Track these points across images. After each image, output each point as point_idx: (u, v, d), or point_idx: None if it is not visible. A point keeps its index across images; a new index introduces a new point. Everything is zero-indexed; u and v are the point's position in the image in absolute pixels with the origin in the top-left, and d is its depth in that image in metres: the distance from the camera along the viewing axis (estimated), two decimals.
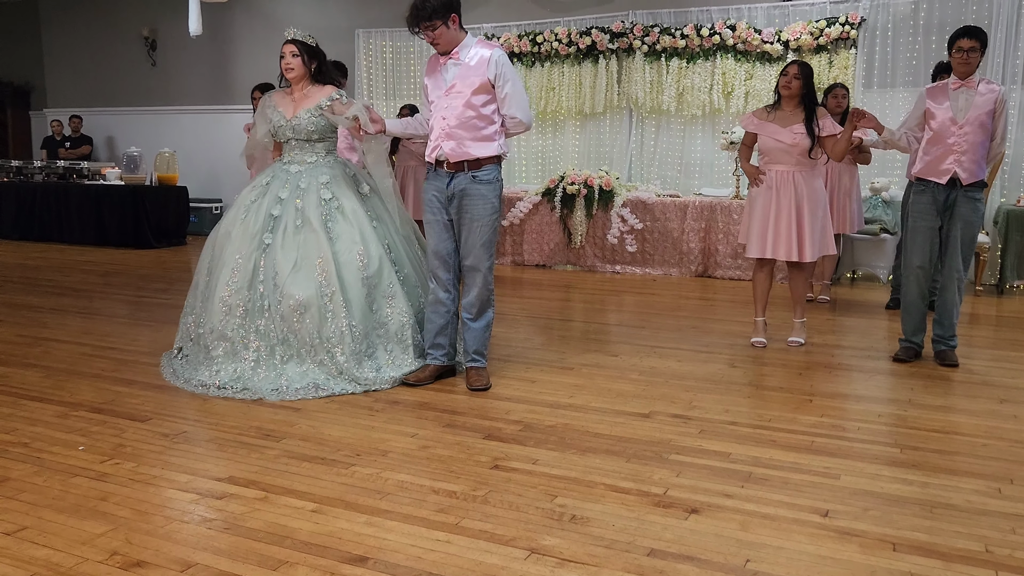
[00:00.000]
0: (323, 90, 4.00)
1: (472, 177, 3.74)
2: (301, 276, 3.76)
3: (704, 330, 5.23)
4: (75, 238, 9.68)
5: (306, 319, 3.73)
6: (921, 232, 4.33)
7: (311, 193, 3.90)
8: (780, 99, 4.59)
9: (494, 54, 3.70)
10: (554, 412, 3.50)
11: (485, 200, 3.75)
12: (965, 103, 4.22)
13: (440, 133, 3.75)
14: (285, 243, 3.81)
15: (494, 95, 3.72)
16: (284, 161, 4.05)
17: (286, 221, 3.85)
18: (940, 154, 4.25)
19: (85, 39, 11.69)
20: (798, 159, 4.53)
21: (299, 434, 3.20)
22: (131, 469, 2.83)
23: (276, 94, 4.12)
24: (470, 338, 3.90)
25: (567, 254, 8.03)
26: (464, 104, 3.68)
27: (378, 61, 9.63)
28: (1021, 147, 7.15)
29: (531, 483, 2.73)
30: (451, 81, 3.71)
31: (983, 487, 2.74)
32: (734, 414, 3.50)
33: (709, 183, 8.19)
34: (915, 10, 7.35)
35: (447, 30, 3.65)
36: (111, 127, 11.75)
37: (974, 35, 4.18)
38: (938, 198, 4.28)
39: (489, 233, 3.79)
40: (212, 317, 3.79)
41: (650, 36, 8.17)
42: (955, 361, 4.32)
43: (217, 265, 3.88)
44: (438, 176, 3.81)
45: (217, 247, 3.95)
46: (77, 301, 6.02)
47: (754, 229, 4.64)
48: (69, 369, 4.13)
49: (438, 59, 3.78)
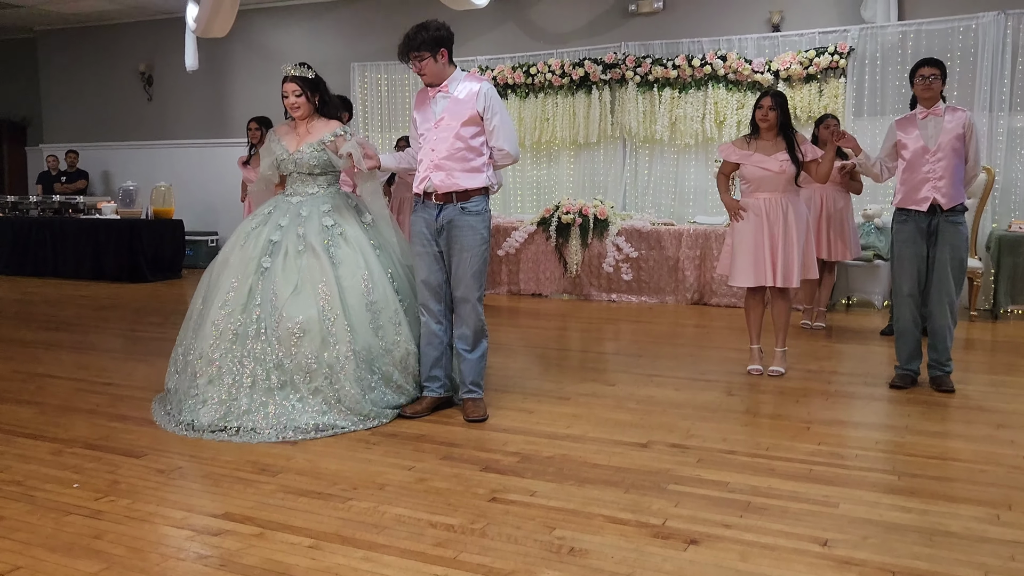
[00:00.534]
0: (328, 125, 4.00)
1: (461, 208, 3.76)
2: (302, 299, 3.69)
3: (701, 358, 5.24)
4: (70, 272, 9.67)
5: (305, 342, 3.63)
6: (908, 260, 4.37)
7: (313, 220, 3.89)
8: (758, 130, 4.63)
9: (483, 87, 3.75)
10: (552, 443, 3.49)
11: (474, 231, 3.77)
12: (934, 130, 4.30)
13: (429, 165, 3.78)
14: (286, 267, 3.76)
15: (483, 127, 3.76)
16: (286, 193, 4.05)
17: (286, 246, 3.81)
18: (917, 182, 4.32)
19: (82, 75, 11.78)
20: (785, 186, 4.57)
21: (295, 468, 3.19)
22: (126, 506, 2.81)
23: (281, 127, 4.12)
24: (466, 369, 3.89)
25: (563, 283, 8.05)
26: (453, 136, 3.72)
27: (374, 94, 9.72)
28: (1011, 173, 7.22)
29: (529, 515, 2.72)
30: (440, 114, 3.76)
31: (982, 514, 2.73)
32: (732, 442, 3.49)
33: (703, 211, 8.24)
34: (903, 40, 7.45)
35: (434, 63, 3.72)
36: (107, 161, 11.80)
37: (934, 64, 4.35)
38: (921, 225, 4.33)
39: (479, 264, 3.80)
40: (202, 342, 3.70)
41: (642, 67, 8.26)
42: (951, 387, 4.32)
43: (212, 292, 3.83)
44: (426, 208, 3.83)
45: (214, 274, 3.91)
46: (72, 336, 6.01)
47: (742, 258, 4.63)
48: (63, 405, 4.11)
49: (427, 92, 3.83)
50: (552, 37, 8.96)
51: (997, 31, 7.10)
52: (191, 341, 3.83)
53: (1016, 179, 7.22)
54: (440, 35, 3.71)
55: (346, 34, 10.00)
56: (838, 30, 7.69)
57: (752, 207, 4.62)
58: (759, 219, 4.59)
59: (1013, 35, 7.10)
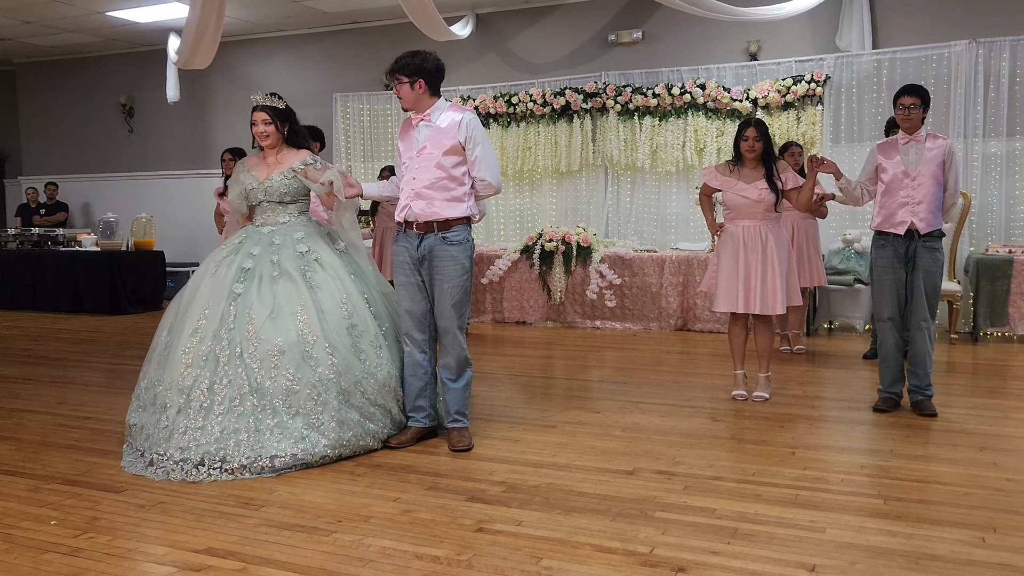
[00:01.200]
0: (298, 154, 3.98)
1: (442, 238, 3.75)
2: (280, 322, 3.62)
3: (685, 384, 5.24)
4: (49, 306, 9.57)
5: (285, 363, 3.54)
6: (887, 284, 4.41)
7: (287, 248, 3.83)
8: (742, 158, 4.67)
9: (465, 117, 3.76)
10: (538, 472, 3.47)
11: (455, 261, 3.76)
12: (916, 156, 4.37)
13: (410, 193, 3.78)
14: (261, 292, 3.69)
15: (465, 157, 3.77)
16: (256, 224, 4.00)
17: (260, 272, 3.75)
18: (895, 206, 4.38)
19: (62, 107, 11.75)
20: (764, 214, 4.61)
21: (279, 501, 3.15)
22: (106, 543, 2.76)
23: (250, 159, 4.10)
24: (451, 399, 3.87)
25: (547, 311, 8.06)
26: (435, 165, 3.73)
27: (356, 124, 9.75)
28: (987, 197, 7.33)
29: (516, 545, 2.70)
30: (422, 143, 3.77)
31: (967, 537, 2.74)
32: (718, 469, 3.49)
33: (685, 237, 8.30)
34: (878, 68, 7.59)
35: (409, 90, 3.75)
36: (88, 194, 11.75)
37: (915, 93, 4.39)
38: (899, 250, 4.38)
39: (460, 294, 3.79)
40: (171, 371, 3.60)
41: (623, 96, 8.35)
42: (933, 411, 4.35)
43: (181, 321, 3.74)
44: (407, 237, 3.83)
45: (183, 304, 3.83)
46: (51, 370, 5.93)
47: (723, 284, 4.68)
48: (42, 441, 4.05)
49: (411, 121, 3.85)
50: (533, 67, 9.06)
51: (969, 59, 7.25)
52: (157, 373, 3.72)
53: (992, 203, 7.33)
54: (424, 66, 3.74)
55: (328, 65, 10.05)
56: (814, 59, 7.82)
57: (731, 233, 4.68)
58: (737, 246, 4.64)
59: (985, 63, 7.25)
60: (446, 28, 7.49)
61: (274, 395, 3.55)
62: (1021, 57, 7.18)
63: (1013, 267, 6.69)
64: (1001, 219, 7.31)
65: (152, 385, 3.74)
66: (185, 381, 3.57)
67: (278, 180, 3.93)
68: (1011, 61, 7.19)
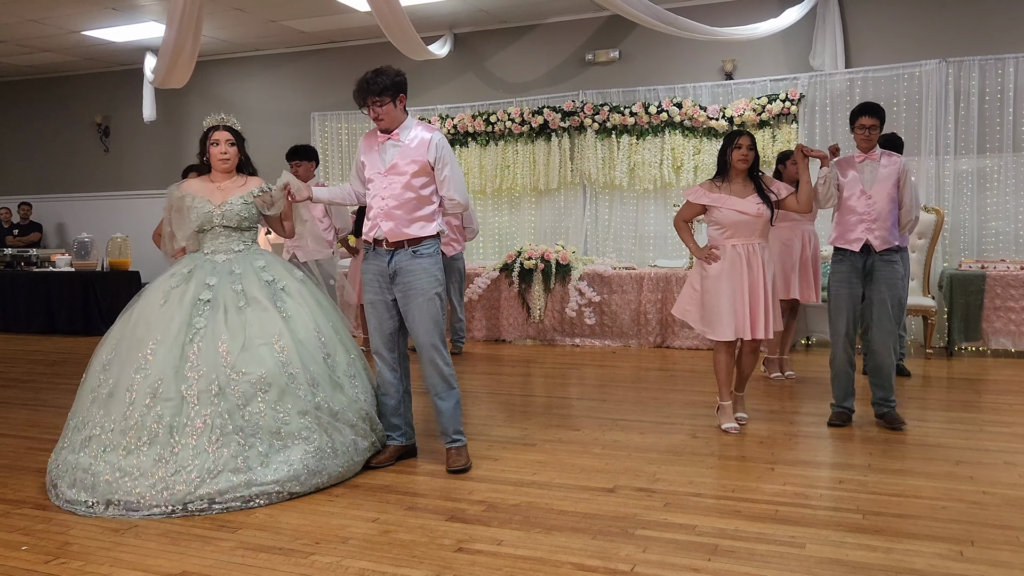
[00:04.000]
0: (250, 180, 3.85)
1: (412, 252, 3.73)
2: (255, 354, 3.45)
3: (665, 401, 5.25)
4: (21, 327, 9.43)
5: (270, 396, 3.41)
6: (843, 299, 4.44)
7: (249, 276, 3.66)
8: (729, 171, 4.37)
9: (434, 137, 3.75)
10: (518, 490, 3.45)
11: (427, 273, 3.73)
12: (871, 174, 4.43)
13: (379, 212, 3.74)
14: (228, 323, 3.49)
15: (433, 177, 3.75)
16: (206, 252, 3.76)
17: (224, 303, 3.55)
18: (851, 223, 4.43)
19: (37, 126, 11.64)
20: (762, 230, 4.36)
21: (255, 523, 3.10)
22: (78, 568, 2.71)
23: (190, 184, 3.85)
24: (443, 420, 3.81)
25: (527, 328, 8.05)
26: (403, 186, 3.70)
27: (334, 143, 9.74)
28: (959, 213, 7.43)
29: (496, 565, 2.68)
30: (391, 161, 3.73)
31: (945, 550, 2.75)
32: (698, 485, 3.49)
33: (664, 254, 8.34)
34: (851, 87, 7.70)
35: (393, 108, 3.72)
36: (62, 214, 11.62)
37: (874, 113, 4.40)
38: (856, 265, 4.43)
39: (436, 307, 3.75)
40: (114, 411, 3.35)
41: (600, 114, 8.41)
42: (901, 420, 4.39)
43: (124, 355, 3.47)
44: (377, 255, 3.79)
45: (124, 337, 3.54)
46: (23, 393, 5.84)
47: (724, 309, 4.29)
48: (12, 464, 3.97)
49: (376, 136, 3.81)
50: (511, 86, 9.10)
51: (940, 78, 7.38)
52: (93, 413, 3.43)
53: (964, 219, 7.44)
54: (399, 81, 3.73)
55: (306, 85, 10.04)
56: (788, 78, 7.93)
57: (728, 254, 4.32)
58: (736, 267, 4.30)
59: (955, 82, 7.38)
60: (424, 47, 7.52)
61: (263, 429, 3.38)
62: (990, 76, 7.31)
63: (986, 282, 6.78)
64: (973, 235, 7.41)
65: (84, 424, 3.46)
66: (130, 421, 3.32)
67: (239, 205, 3.76)
68: (980, 80, 7.32)
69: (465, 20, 8.97)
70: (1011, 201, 7.32)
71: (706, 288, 4.38)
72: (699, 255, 4.44)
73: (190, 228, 3.77)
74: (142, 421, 3.32)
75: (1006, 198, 7.34)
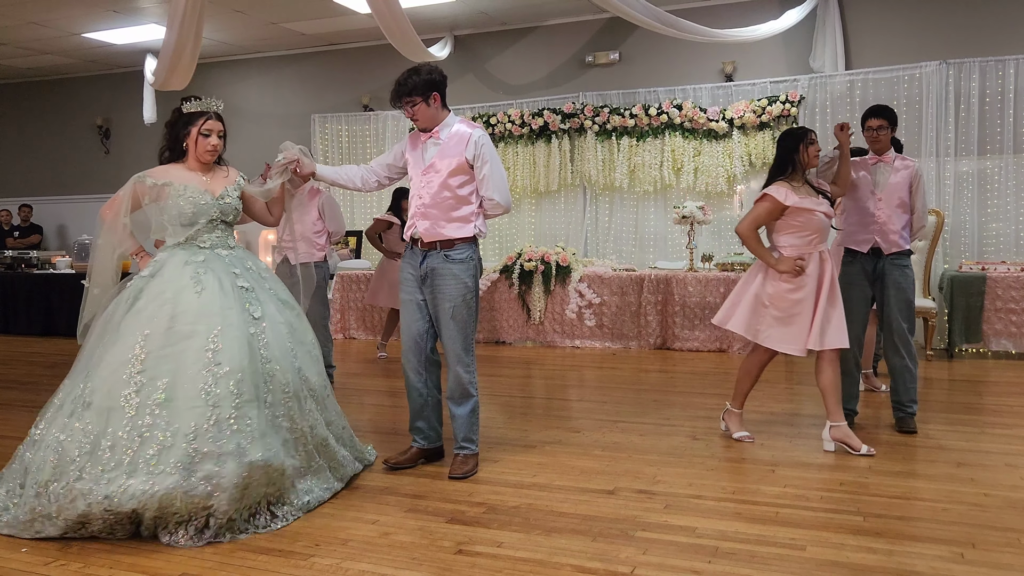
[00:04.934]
0: (231, 171, 3.57)
1: (444, 256, 3.65)
2: (309, 359, 3.39)
3: (665, 403, 5.24)
4: (22, 329, 9.43)
5: (311, 405, 3.35)
6: (853, 302, 4.41)
7: (255, 279, 3.43)
8: (799, 171, 4.02)
9: (474, 134, 3.66)
10: (518, 492, 3.45)
11: (457, 280, 3.65)
12: (883, 177, 4.42)
13: (415, 211, 3.70)
14: (277, 322, 3.33)
15: (472, 176, 3.66)
16: (202, 245, 3.39)
17: (262, 300, 3.34)
18: (861, 225, 4.43)
19: (37, 128, 11.66)
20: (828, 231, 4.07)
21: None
22: (77, 570, 2.70)
23: (170, 172, 3.44)
24: (456, 426, 3.77)
25: (526, 330, 8.05)
26: (440, 184, 3.63)
27: (334, 145, 9.74)
28: (959, 215, 7.43)
29: (496, 567, 2.67)
30: (429, 160, 3.67)
31: (946, 553, 2.75)
32: (698, 487, 3.48)
33: (664, 256, 8.34)
34: (851, 88, 7.70)
35: (427, 108, 3.63)
36: (63, 215, 11.62)
37: (882, 114, 4.40)
38: (866, 268, 4.42)
39: (463, 314, 3.66)
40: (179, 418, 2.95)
41: (600, 116, 8.42)
42: (911, 428, 4.36)
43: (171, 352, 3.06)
44: (413, 254, 3.75)
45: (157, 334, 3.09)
46: (23, 395, 5.83)
47: (803, 323, 3.95)
48: None
49: (419, 136, 3.75)
50: (511, 88, 9.11)
51: (940, 79, 7.38)
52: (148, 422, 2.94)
53: (964, 221, 7.44)
54: (432, 79, 3.62)
55: (306, 87, 10.05)
56: (788, 79, 7.93)
57: (812, 262, 3.94)
58: (815, 276, 3.95)
59: (955, 83, 7.38)
60: (424, 49, 7.51)
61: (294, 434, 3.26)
62: (990, 77, 7.32)
63: (986, 284, 6.77)
64: (974, 236, 7.41)
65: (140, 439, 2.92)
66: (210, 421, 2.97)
67: (233, 196, 3.48)
68: (980, 81, 7.33)
69: (465, 22, 8.98)
70: (1011, 203, 7.33)
71: (784, 302, 3.97)
72: (784, 267, 3.93)
73: (177, 220, 3.36)
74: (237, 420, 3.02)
75: (1007, 200, 7.34)
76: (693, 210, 7.46)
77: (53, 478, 2.91)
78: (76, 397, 3.10)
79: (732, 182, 8.04)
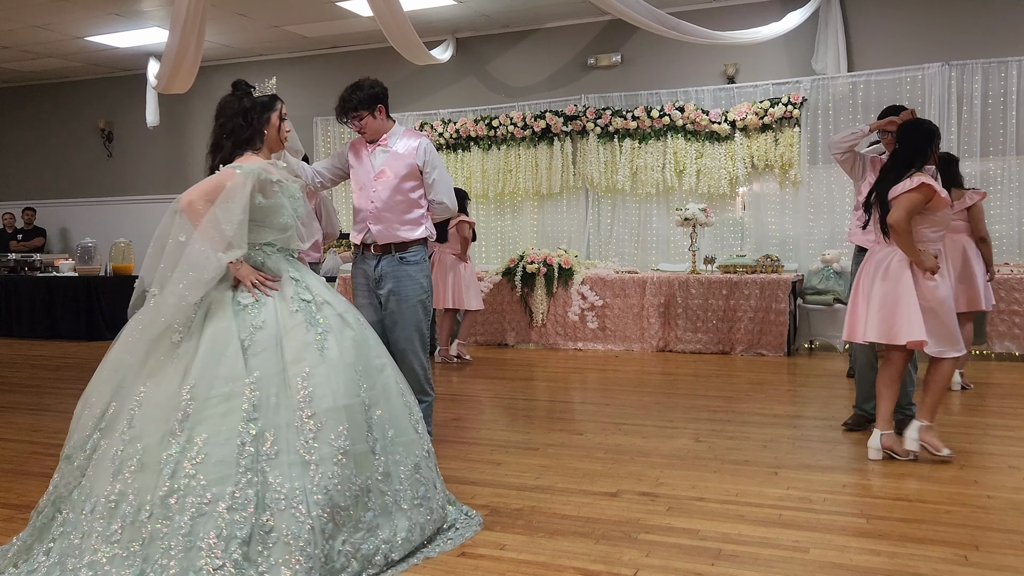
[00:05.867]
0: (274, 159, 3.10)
1: (399, 259, 3.84)
2: None
3: (668, 405, 5.24)
4: (25, 332, 9.45)
5: None
6: None
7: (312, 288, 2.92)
8: (925, 163, 3.83)
9: (422, 143, 3.88)
10: (521, 494, 3.45)
11: (413, 280, 3.84)
12: None
13: (367, 216, 3.85)
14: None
15: (421, 181, 3.88)
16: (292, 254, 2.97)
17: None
18: (874, 222, 4.38)
19: (40, 131, 11.68)
20: None
21: None
22: None
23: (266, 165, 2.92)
24: None
25: (529, 333, 8.05)
26: (393, 189, 3.82)
27: (336, 147, 9.76)
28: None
29: (499, 570, 2.67)
30: (380, 167, 3.85)
31: (950, 555, 2.74)
32: (701, 490, 3.48)
33: (666, 258, 8.34)
34: (853, 90, 7.70)
35: (373, 120, 3.83)
36: (66, 218, 11.65)
37: (892, 114, 4.37)
38: None
39: (420, 314, 3.85)
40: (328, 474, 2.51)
41: (602, 118, 8.42)
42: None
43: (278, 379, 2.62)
44: (365, 259, 3.91)
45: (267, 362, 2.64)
46: (26, 398, 5.84)
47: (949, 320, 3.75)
48: (16, 469, 3.97)
49: (363, 144, 3.93)
50: (513, 90, 9.12)
51: (942, 81, 7.38)
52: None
53: None
54: (375, 92, 3.82)
55: (308, 90, 10.05)
56: (791, 81, 7.93)
57: (941, 257, 3.81)
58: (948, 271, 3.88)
59: (957, 85, 7.38)
60: (426, 52, 7.53)
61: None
62: (993, 79, 7.31)
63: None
64: None
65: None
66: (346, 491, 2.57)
67: None
68: (983, 83, 7.32)
69: (467, 25, 8.99)
70: (1014, 204, 7.32)
71: (938, 300, 3.72)
72: (928, 265, 3.71)
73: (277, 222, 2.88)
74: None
75: (1009, 201, 7.33)
76: (695, 212, 7.46)
77: None
78: None
79: (734, 184, 8.04)
